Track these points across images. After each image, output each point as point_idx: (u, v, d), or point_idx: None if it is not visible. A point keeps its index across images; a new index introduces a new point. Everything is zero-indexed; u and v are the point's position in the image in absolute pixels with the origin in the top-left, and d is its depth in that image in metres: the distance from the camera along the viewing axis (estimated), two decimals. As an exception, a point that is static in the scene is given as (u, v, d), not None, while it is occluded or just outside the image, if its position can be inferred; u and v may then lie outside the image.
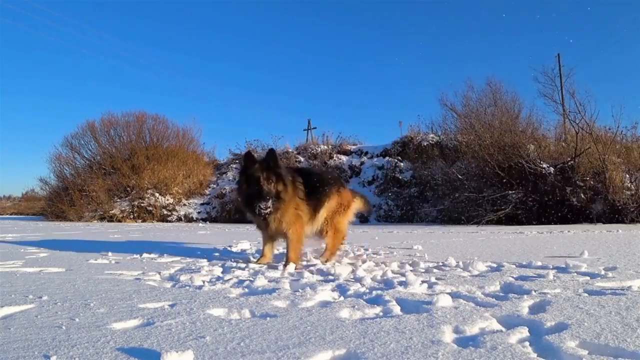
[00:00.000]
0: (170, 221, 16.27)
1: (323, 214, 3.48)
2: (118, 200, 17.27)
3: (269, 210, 3.09)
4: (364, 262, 3.30)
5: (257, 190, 3.06)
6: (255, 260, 3.50)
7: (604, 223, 9.16)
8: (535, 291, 2.08)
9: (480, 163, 11.21)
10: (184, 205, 17.21)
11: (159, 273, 2.88)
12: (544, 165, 10.25)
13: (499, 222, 9.91)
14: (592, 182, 9.82)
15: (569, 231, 6.88)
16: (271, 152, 3.19)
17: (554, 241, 5.01)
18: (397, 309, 1.80)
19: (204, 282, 2.54)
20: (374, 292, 2.14)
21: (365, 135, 24.71)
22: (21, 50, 56.11)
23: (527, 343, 1.35)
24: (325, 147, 17.78)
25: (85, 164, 19.48)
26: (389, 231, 7.80)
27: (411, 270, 2.85)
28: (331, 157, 17.23)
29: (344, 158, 17.26)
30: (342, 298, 2.06)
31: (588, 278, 2.45)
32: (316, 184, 3.44)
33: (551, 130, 12.43)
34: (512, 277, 2.54)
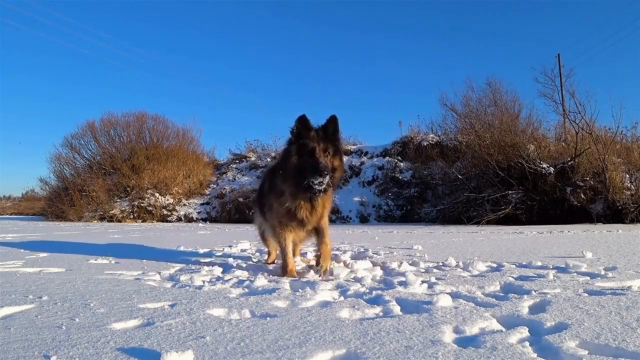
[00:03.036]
0: (170, 221, 16.27)
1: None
2: (118, 200, 17.27)
3: (323, 187, 2.56)
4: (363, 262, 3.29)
5: (311, 163, 2.52)
6: (261, 261, 3.50)
7: (604, 223, 9.16)
8: (535, 291, 2.08)
9: (480, 163, 11.21)
10: (184, 205, 17.21)
11: (159, 273, 2.88)
12: (544, 165, 10.25)
13: (499, 222, 9.91)
14: (592, 182, 9.82)
15: (569, 231, 6.88)
16: (333, 119, 2.67)
17: (554, 241, 5.00)
18: (397, 309, 1.80)
19: (204, 282, 2.54)
20: (374, 292, 2.14)
21: (365, 135, 24.73)
22: (21, 51, 56.18)
23: (527, 343, 1.35)
24: (326, 147, 17.73)
25: (85, 164, 19.50)
26: (389, 231, 7.80)
27: (411, 270, 2.85)
28: (331, 157, 17.19)
29: (344, 158, 17.25)
30: (342, 298, 2.06)
31: (588, 278, 2.45)
32: None
33: (551, 130, 12.46)
34: (512, 277, 2.54)
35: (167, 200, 17.04)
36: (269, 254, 3.54)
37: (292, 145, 2.65)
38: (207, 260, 3.64)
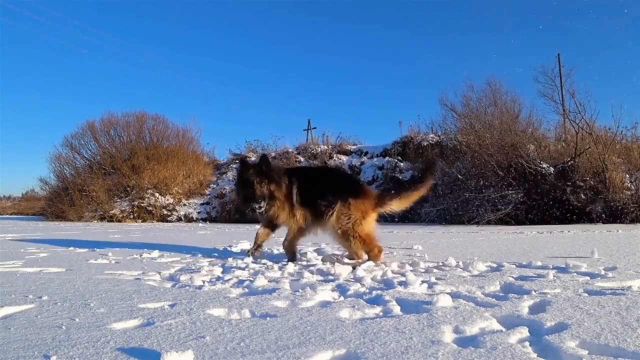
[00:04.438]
0: (170, 221, 16.27)
1: (332, 220, 3.43)
2: (118, 200, 17.27)
3: (262, 210, 3.45)
4: (364, 262, 3.30)
5: (251, 192, 3.41)
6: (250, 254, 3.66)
7: (604, 223, 9.16)
8: (535, 291, 2.08)
9: (480, 163, 11.21)
10: (184, 205, 17.21)
11: (159, 273, 2.88)
12: (544, 165, 10.25)
13: (499, 222, 9.91)
14: (592, 182, 9.82)
15: (569, 231, 6.88)
16: (263, 157, 3.52)
17: (554, 241, 5.00)
18: (397, 309, 1.80)
19: (204, 282, 2.54)
20: (374, 292, 2.14)
21: (365, 135, 24.74)
22: (21, 50, 56.10)
23: (527, 343, 1.35)
24: (325, 147, 17.78)
25: (85, 164, 19.48)
26: (389, 231, 7.80)
27: (411, 270, 2.85)
28: (331, 157, 17.23)
29: (344, 158, 17.26)
30: (342, 298, 2.06)
31: (588, 278, 2.45)
32: (321, 190, 3.51)
33: (551, 130, 12.45)
34: (512, 277, 2.54)
35: (167, 200, 17.04)
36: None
37: (238, 181, 3.62)
38: (207, 260, 3.64)
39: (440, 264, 3.16)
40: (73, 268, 3.15)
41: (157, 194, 17.00)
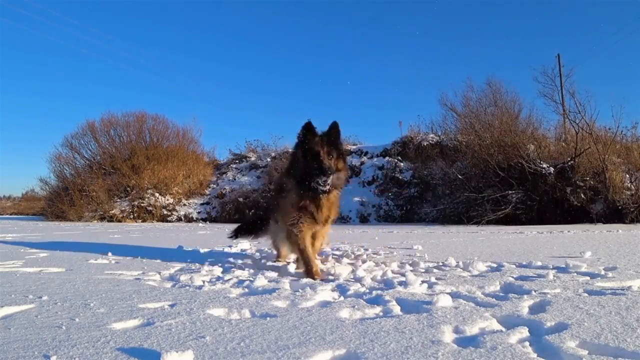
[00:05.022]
0: (170, 221, 16.27)
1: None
2: (118, 200, 17.28)
3: (328, 187, 2.74)
4: (364, 262, 3.30)
5: (317, 165, 2.70)
6: (262, 261, 3.49)
7: (604, 223, 9.16)
8: (535, 291, 2.08)
9: (480, 163, 11.22)
10: (184, 205, 17.21)
11: (159, 273, 2.88)
12: (544, 165, 10.25)
13: (499, 222, 9.91)
14: (592, 182, 9.83)
15: (569, 231, 6.88)
16: (335, 125, 2.85)
17: (554, 241, 5.00)
18: (397, 309, 1.80)
19: (204, 282, 2.54)
20: (374, 292, 2.14)
21: (365, 135, 24.76)
22: (21, 51, 56.09)
23: (527, 343, 1.35)
24: (326, 147, 17.76)
25: (85, 164, 19.50)
26: (389, 231, 7.80)
27: (411, 270, 2.85)
28: (331, 157, 17.21)
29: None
30: (342, 298, 2.06)
31: (588, 278, 2.45)
32: None
33: (551, 130, 12.48)
34: (512, 277, 2.54)
35: (167, 200, 17.04)
36: (278, 255, 3.61)
37: (299, 149, 2.84)
38: (207, 260, 3.64)
39: (440, 264, 3.15)
40: (73, 268, 3.15)
41: (157, 194, 17.01)
